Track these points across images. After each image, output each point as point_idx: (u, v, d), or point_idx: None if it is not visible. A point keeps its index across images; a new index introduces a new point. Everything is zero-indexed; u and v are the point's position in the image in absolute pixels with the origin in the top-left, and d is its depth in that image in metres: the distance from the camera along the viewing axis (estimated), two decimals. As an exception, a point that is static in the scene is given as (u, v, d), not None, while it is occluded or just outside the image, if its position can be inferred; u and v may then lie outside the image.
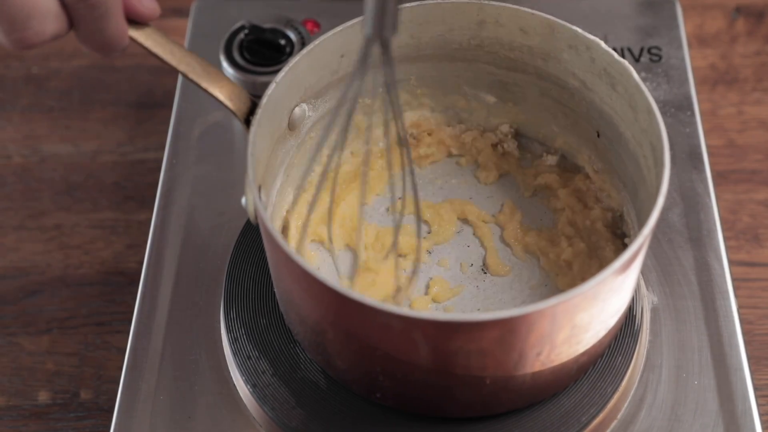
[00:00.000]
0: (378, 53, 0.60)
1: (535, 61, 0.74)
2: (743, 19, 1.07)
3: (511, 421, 0.68)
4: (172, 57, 0.64)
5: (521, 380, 0.64)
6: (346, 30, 0.71)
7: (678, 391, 0.72)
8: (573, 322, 0.61)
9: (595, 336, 0.65)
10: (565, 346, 0.63)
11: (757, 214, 0.92)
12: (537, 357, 0.62)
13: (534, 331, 0.59)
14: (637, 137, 0.69)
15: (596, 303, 0.61)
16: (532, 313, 0.57)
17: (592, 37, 0.70)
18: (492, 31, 0.74)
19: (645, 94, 0.66)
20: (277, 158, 0.72)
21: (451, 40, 0.75)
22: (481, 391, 0.64)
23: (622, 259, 0.59)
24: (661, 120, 0.65)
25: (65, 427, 0.80)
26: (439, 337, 0.59)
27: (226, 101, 0.66)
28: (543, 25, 0.71)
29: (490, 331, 0.58)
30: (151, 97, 1.02)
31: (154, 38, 0.63)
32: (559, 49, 0.72)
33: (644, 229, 0.60)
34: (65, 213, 0.93)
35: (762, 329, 0.84)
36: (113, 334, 0.85)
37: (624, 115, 0.70)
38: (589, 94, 0.73)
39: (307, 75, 0.71)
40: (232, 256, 0.76)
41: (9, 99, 1.02)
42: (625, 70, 0.68)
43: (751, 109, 0.99)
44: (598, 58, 0.70)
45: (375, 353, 0.62)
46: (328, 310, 0.62)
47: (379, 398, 0.68)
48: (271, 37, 0.89)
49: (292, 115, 0.71)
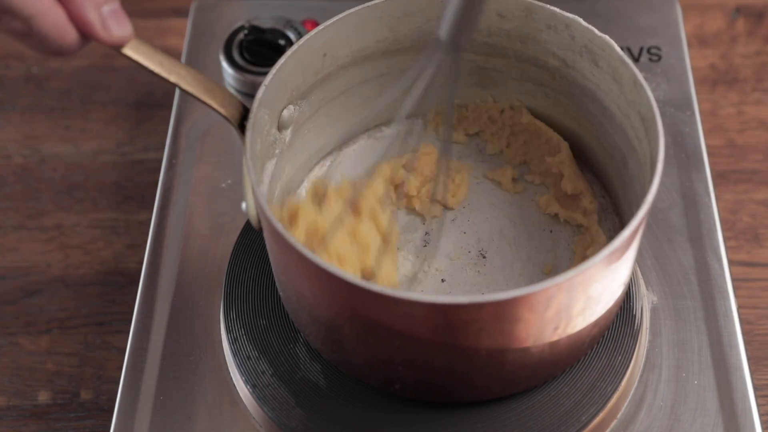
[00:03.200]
0: (444, 57, 0.61)
1: (514, 45, 0.75)
2: (743, 19, 1.07)
3: (512, 420, 0.68)
4: (162, 68, 0.64)
5: (539, 356, 0.65)
6: (327, 28, 0.71)
7: (678, 390, 0.72)
8: (587, 294, 0.61)
9: (605, 307, 0.66)
10: (580, 318, 0.63)
11: (757, 214, 0.92)
12: (554, 331, 0.63)
13: (552, 305, 0.60)
14: (624, 109, 0.69)
15: (608, 273, 0.62)
16: (551, 287, 0.58)
17: (571, 15, 0.71)
18: None
19: (629, 66, 0.67)
20: (270, 161, 0.72)
21: (429, 31, 0.75)
22: (500, 370, 0.65)
23: (631, 226, 0.60)
24: (648, 88, 0.65)
25: (65, 427, 0.80)
26: (460, 319, 0.60)
27: (219, 108, 0.66)
28: (520, 7, 0.72)
29: (511, 308, 0.59)
30: (151, 97, 1.02)
31: (141, 51, 0.63)
32: (538, 30, 0.73)
33: (648, 196, 0.61)
34: (65, 213, 0.93)
35: (762, 329, 0.84)
36: (113, 334, 0.85)
37: (608, 89, 0.70)
38: (570, 72, 0.73)
39: (293, 76, 0.71)
40: (232, 256, 0.76)
41: (9, 99, 1.02)
42: (606, 44, 0.69)
43: (751, 109, 0.99)
44: (578, 35, 0.71)
45: (395, 343, 0.63)
46: (346, 305, 0.62)
47: (397, 389, 0.68)
48: (270, 37, 0.89)
49: (281, 117, 0.72)
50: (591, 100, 0.73)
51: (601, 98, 0.72)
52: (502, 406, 0.69)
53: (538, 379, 0.69)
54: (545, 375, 0.69)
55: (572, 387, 0.70)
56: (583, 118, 0.75)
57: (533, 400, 0.69)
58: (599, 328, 0.68)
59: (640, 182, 0.68)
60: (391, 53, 0.76)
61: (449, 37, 0.60)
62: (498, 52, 0.76)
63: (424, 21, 0.75)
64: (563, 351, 0.66)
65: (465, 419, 0.68)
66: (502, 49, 0.76)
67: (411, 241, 0.76)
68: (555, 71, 0.74)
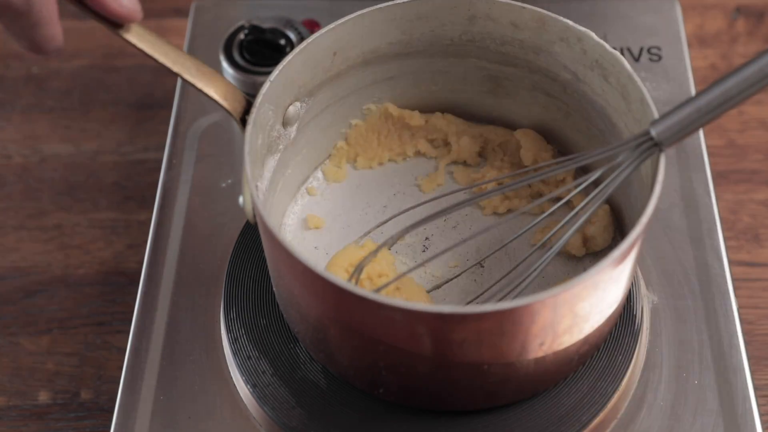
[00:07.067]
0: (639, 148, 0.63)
1: (527, 55, 0.74)
2: (743, 19, 1.07)
3: (513, 420, 0.68)
4: (166, 58, 0.64)
5: (524, 371, 0.64)
6: (338, 27, 0.71)
7: (678, 390, 0.72)
8: (574, 312, 0.61)
9: (594, 325, 0.65)
10: (567, 335, 0.63)
11: (757, 214, 0.92)
12: (540, 347, 0.62)
13: (537, 321, 0.59)
14: (631, 127, 0.69)
15: (596, 292, 0.61)
16: (534, 303, 0.58)
17: (584, 29, 0.70)
18: (483, 26, 0.74)
19: (637, 84, 0.67)
20: (272, 156, 0.72)
21: (443, 35, 0.75)
22: (484, 383, 0.65)
23: (621, 248, 0.60)
24: (654, 109, 0.65)
25: (65, 427, 0.80)
26: (442, 329, 0.59)
27: (221, 101, 0.66)
28: (534, 18, 0.72)
29: (494, 322, 0.59)
30: (151, 97, 1.02)
31: (147, 39, 0.63)
32: (551, 42, 0.72)
33: (642, 218, 0.61)
34: (65, 213, 0.93)
35: (762, 329, 0.84)
36: (113, 334, 0.85)
37: (617, 105, 0.70)
38: (581, 86, 0.73)
39: (301, 73, 0.71)
40: (232, 256, 0.76)
41: (9, 99, 1.02)
42: (617, 61, 0.68)
43: (751, 109, 0.99)
44: (589, 49, 0.70)
45: (378, 348, 0.62)
46: (330, 306, 0.62)
47: (381, 393, 0.68)
48: (271, 37, 0.89)
49: (286, 114, 0.71)
50: (600, 116, 0.73)
51: (610, 114, 0.71)
52: (503, 406, 0.69)
53: (524, 393, 0.68)
54: (531, 390, 0.68)
55: (573, 387, 0.69)
56: (591, 132, 0.75)
57: (534, 400, 0.69)
58: (589, 345, 0.67)
59: (641, 200, 0.67)
60: (402, 56, 0.76)
61: (663, 138, 0.62)
62: (511, 61, 0.76)
63: (437, 25, 0.74)
64: (550, 367, 0.66)
65: (466, 422, 0.68)
66: (515, 59, 0.75)
67: (410, 246, 0.76)
68: (566, 84, 0.74)
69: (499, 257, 0.75)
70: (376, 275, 0.71)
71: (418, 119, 0.80)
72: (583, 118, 0.75)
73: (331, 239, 0.76)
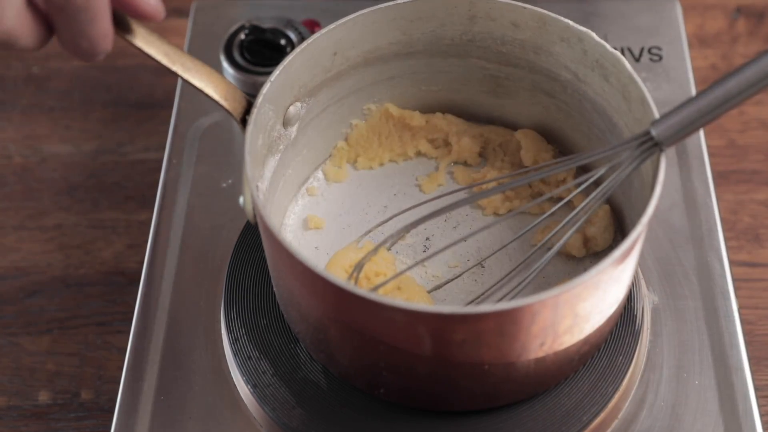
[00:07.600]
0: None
1: (527, 55, 0.74)
2: (744, 20, 1.07)
3: (513, 420, 0.68)
4: (167, 58, 0.64)
5: (525, 371, 0.64)
6: (338, 27, 0.71)
7: (679, 390, 0.72)
8: (575, 312, 0.61)
9: (595, 325, 0.65)
10: (567, 335, 0.63)
11: (757, 215, 0.92)
12: (540, 347, 0.62)
13: (537, 321, 0.59)
14: (631, 127, 0.69)
15: (596, 292, 0.61)
16: (535, 303, 0.58)
17: (584, 29, 0.70)
18: (484, 25, 0.74)
19: (638, 84, 0.67)
20: (273, 156, 0.72)
21: (443, 35, 0.75)
22: (484, 383, 0.65)
23: (622, 248, 0.60)
24: (655, 109, 0.65)
25: (65, 427, 0.80)
26: (443, 329, 0.59)
27: (221, 101, 0.66)
28: (535, 18, 0.72)
29: (494, 322, 0.59)
30: (151, 97, 1.02)
31: (147, 39, 0.63)
32: (551, 42, 0.72)
33: (643, 218, 0.61)
34: (65, 213, 0.93)
35: (763, 329, 0.84)
36: (113, 334, 0.85)
37: (617, 105, 0.70)
38: (582, 86, 0.73)
39: (301, 73, 0.71)
40: (232, 256, 0.76)
41: (9, 99, 1.02)
42: (617, 61, 0.68)
43: (751, 110, 0.99)
44: (590, 49, 0.70)
45: (378, 348, 0.62)
46: (331, 306, 0.62)
47: (382, 393, 0.68)
48: (271, 37, 0.89)
49: (286, 114, 0.71)
50: (600, 116, 0.73)
51: (610, 114, 0.71)
52: (503, 407, 0.69)
53: (525, 394, 0.68)
54: (532, 390, 0.68)
55: (573, 387, 0.69)
56: (592, 132, 0.75)
57: (534, 400, 0.69)
58: (590, 346, 0.67)
59: (641, 200, 0.67)
60: (402, 56, 0.76)
61: (664, 139, 0.62)
62: (511, 61, 0.76)
63: (438, 25, 0.74)
64: (550, 367, 0.66)
65: (466, 422, 0.68)
66: (516, 59, 0.75)
67: (411, 246, 0.76)
68: (567, 84, 0.74)
69: (500, 258, 0.75)
70: (374, 274, 0.71)
71: (419, 119, 0.80)
72: (584, 118, 0.75)
73: (331, 239, 0.76)
